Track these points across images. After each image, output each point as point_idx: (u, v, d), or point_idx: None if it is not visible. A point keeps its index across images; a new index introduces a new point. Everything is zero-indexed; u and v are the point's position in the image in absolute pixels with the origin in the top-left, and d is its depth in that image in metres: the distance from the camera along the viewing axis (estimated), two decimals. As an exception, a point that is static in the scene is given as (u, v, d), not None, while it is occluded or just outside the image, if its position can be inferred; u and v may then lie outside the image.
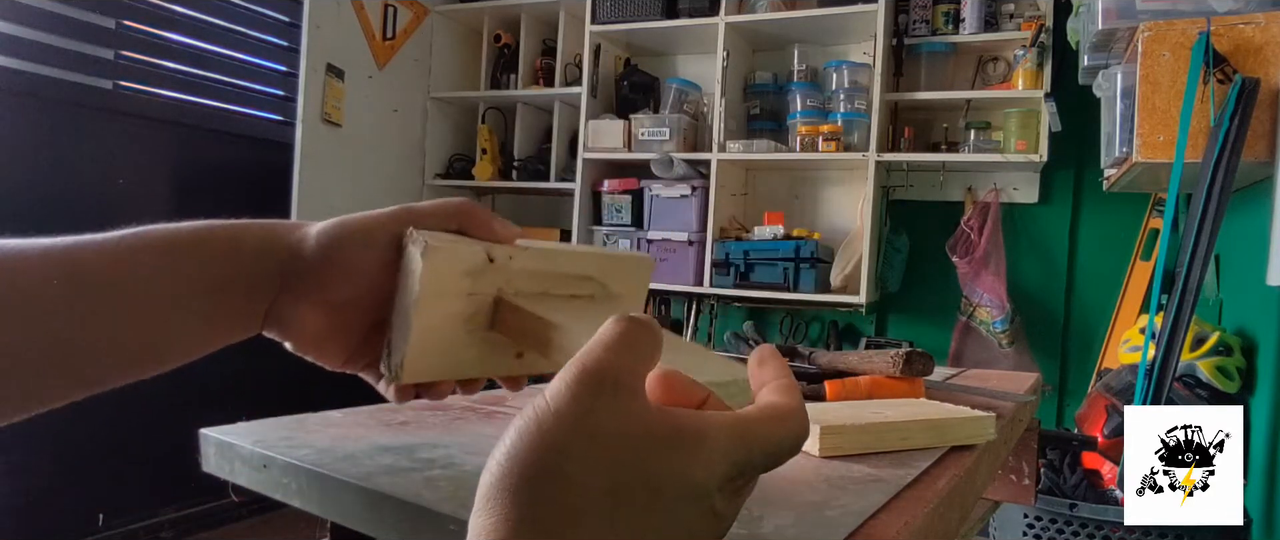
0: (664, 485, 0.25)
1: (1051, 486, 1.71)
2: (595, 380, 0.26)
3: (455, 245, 0.42)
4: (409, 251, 0.41)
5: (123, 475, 2.24)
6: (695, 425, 0.26)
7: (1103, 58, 1.85)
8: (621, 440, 0.25)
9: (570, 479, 0.24)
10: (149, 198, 2.33)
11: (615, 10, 2.74)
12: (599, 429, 0.25)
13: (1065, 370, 2.56)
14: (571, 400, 0.25)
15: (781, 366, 0.33)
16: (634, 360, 0.27)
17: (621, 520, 0.24)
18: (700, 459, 0.26)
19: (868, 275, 2.45)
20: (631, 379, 0.26)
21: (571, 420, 0.25)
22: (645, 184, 2.71)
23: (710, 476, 0.26)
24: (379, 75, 2.80)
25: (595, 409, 0.25)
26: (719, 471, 0.26)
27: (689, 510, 0.26)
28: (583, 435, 0.25)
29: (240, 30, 2.54)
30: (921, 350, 0.79)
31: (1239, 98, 1.41)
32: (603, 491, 0.24)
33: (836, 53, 2.69)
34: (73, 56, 2.11)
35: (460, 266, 0.42)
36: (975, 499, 0.66)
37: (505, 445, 0.25)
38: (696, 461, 0.26)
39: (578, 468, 0.24)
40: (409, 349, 0.42)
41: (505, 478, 0.24)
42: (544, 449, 0.24)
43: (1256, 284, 1.50)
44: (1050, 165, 2.43)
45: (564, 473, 0.24)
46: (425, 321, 0.42)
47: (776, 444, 0.28)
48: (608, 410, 0.25)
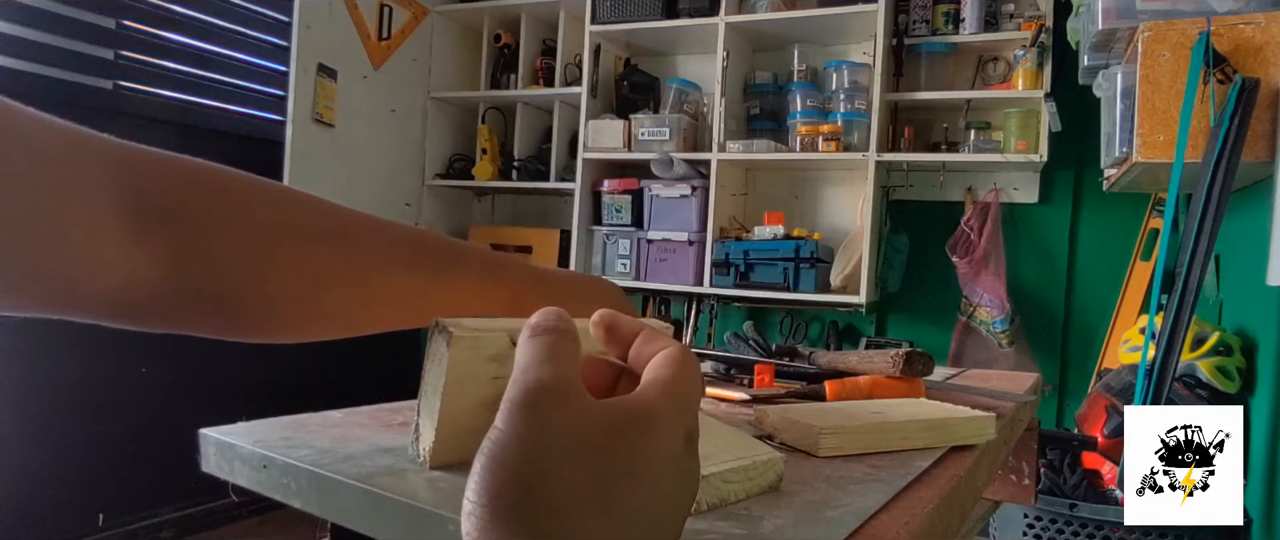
0: (637, 466, 0.27)
1: (1051, 486, 1.71)
2: (538, 397, 0.27)
3: (480, 334, 0.43)
4: (436, 340, 0.43)
5: (123, 475, 2.24)
6: (641, 405, 0.29)
7: (1103, 58, 1.85)
8: (584, 442, 0.26)
9: (553, 492, 0.25)
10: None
11: (615, 10, 2.74)
12: (561, 439, 0.26)
13: (1065, 370, 2.56)
14: (524, 423, 0.26)
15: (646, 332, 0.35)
16: (562, 366, 0.28)
17: (615, 511, 0.26)
18: (658, 431, 0.28)
19: (868, 275, 2.45)
20: (568, 384, 0.28)
21: (533, 440, 0.26)
22: (645, 184, 2.71)
23: (672, 442, 0.29)
24: (375, 75, 2.80)
25: (550, 421, 0.26)
26: (677, 436, 0.29)
27: (666, 478, 0.28)
28: (549, 450, 0.26)
29: (240, 30, 2.54)
30: (921, 350, 0.79)
31: (1239, 98, 1.41)
32: (588, 494, 0.25)
33: (836, 53, 2.69)
34: (73, 56, 2.11)
35: (486, 352, 0.44)
36: (975, 499, 0.66)
37: (478, 484, 0.25)
38: (656, 435, 0.28)
39: (556, 480, 0.25)
40: (437, 435, 0.44)
41: (494, 516, 0.25)
42: (518, 475, 0.25)
43: (1256, 284, 1.50)
44: (1050, 165, 2.43)
45: (546, 488, 0.25)
46: (452, 407, 0.43)
47: (695, 384, 0.32)
48: (561, 420, 0.26)
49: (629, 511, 0.26)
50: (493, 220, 3.35)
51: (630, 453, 0.27)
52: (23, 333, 2.02)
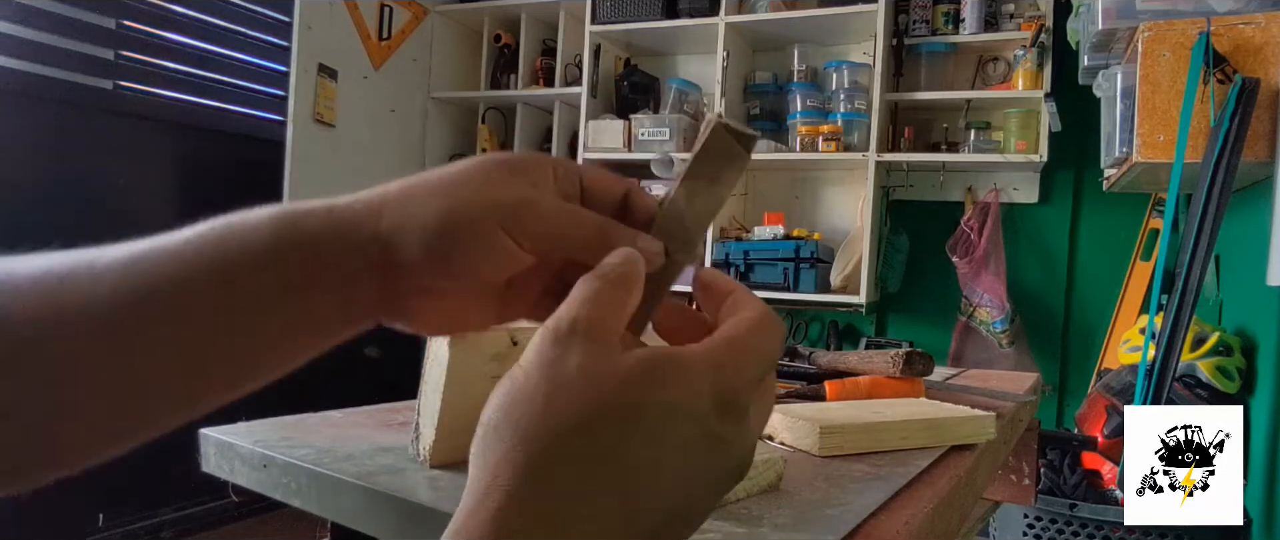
0: (643, 414, 0.26)
1: (1051, 486, 1.71)
2: (558, 333, 0.27)
3: (480, 334, 0.44)
4: (436, 339, 0.44)
5: (123, 475, 2.24)
6: (665, 354, 0.27)
7: (1103, 58, 1.85)
8: (588, 380, 0.26)
9: (546, 424, 0.26)
10: (149, 197, 2.33)
11: (615, 10, 2.74)
12: (565, 374, 0.26)
13: (1065, 370, 2.56)
14: (536, 355, 0.27)
15: (737, 293, 0.33)
16: (598, 310, 0.28)
17: (609, 451, 0.26)
18: (675, 383, 0.27)
19: (868, 275, 2.45)
20: (596, 328, 0.28)
21: (539, 371, 0.27)
22: (645, 184, 2.70)
23: (694, 398, 0.27)
24: (375, 75, 2.80)
25: (562, 357, 0.27)
26: (704, 393, 0.27)
27: (681, 432, 0.26)
28: (551, 382, 0.26)
29: (240, 30, 2.54)
30: (921, 350, 0.79)
31: (1239, 98, 1.41)
32: (577, 428, 0.26)
33: (836, 53, 2.69)
34: (73, 56, 2.11)
35: (486, 352, 0.45)
36: (975, 499, 0.66)
37: (490, 402, 0.27)
38: (672, 386, 0.26)
39: (551, 413, 0.26)
40: (437, 434, 0.45)
41: (495, 428, 0.26)
42: (516, 400, 0.26)
43: (1256, 284, 1.50)
44: (1050, 165, 2.43)
45: (538, 419, 0.26)
46: (452, 407, 0.44)
47: (757, 352, 0.29)
48: (572, 357, 0.27)
49: (624, 458, 0.25)
50: (493, 220, 3.34)
51: (633, 398, 0.26)
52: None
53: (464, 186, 0.33)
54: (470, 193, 0.33)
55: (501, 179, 0.34)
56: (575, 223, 0.34)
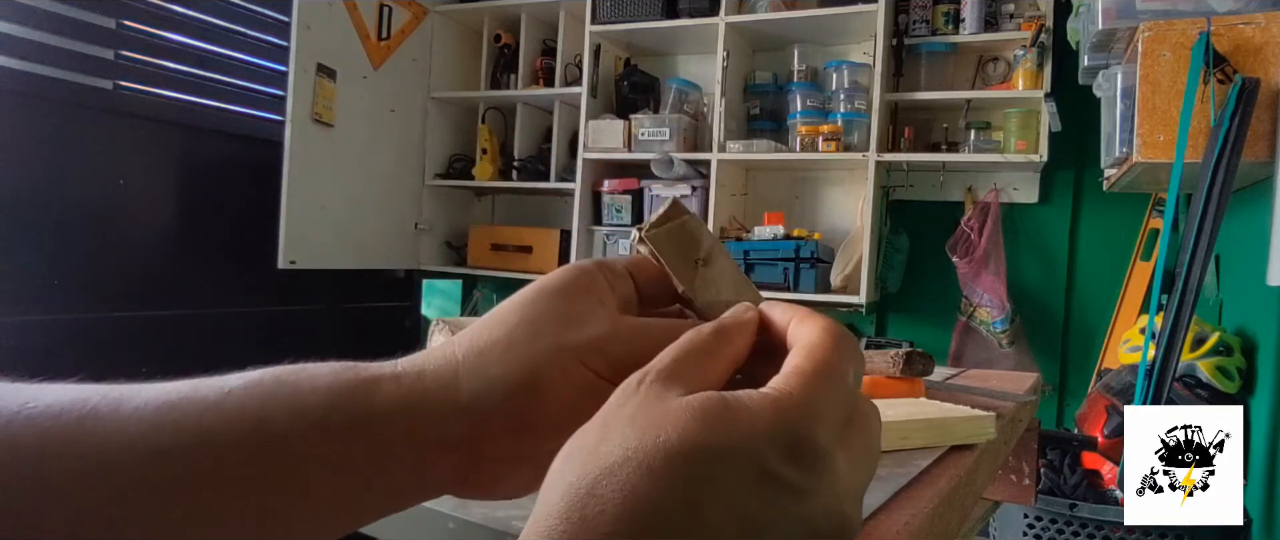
0: (689, 455, 0.23)
1: (1051, 486, 1.71)
2: (627, 384, 0.26)
3: None
4: (435, 339, 0.44)
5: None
6: (718, 394, 0.25)
7: (1103, 58, 1.84)
8: (636, 422, 0.24)
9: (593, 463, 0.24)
10: (150, 198, 2.33)
11: (615, 10, 2.74)
12: (620, 416, 0.25)
13: (1065, 370, 2.56)
14: (606, 403, 0.26)
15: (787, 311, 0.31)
16: (671, 362, 0.27)
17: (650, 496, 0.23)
18: (728, 423, 0.24)
19: (868, 275, 2.45)
20: (662, 374, 0.26)
21: (600, 414, 0.26)
22: (645, 184, 2.71)
23: (751, 440, 0.23)
24: (374, 75, 2.80)
25: (623, 403, 0.25)
26: (761, 433, 0.24)
27: (734, 478, 0.23)
28: (605, 424, 0.25)
29: (240, 30, 2.54)
30: (921, 350, 0.79)
31: (1239, 98, 1.41)
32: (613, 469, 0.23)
33: (836, 53, 2.69)
34: (73, 56, 2.11)
35: None
36: (975, 499, 0.66)
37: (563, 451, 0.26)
38: (723, 426, 0.24)
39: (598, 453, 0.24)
40: None
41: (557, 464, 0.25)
42: (575, 439, 0.25)
43: (1256, 284, 1.50)
44: (1050, 165, 2.43)
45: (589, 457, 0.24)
46: None
47: (827, 378, 0.26)
48: (632, 401, 0.25)
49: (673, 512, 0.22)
50: (493, 220, 3.35)
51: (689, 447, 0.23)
52: (22, 333, 2.02)
53: (539, 337, 0.31)
54: (548, 342, 0.31)
55: (568, 313, 0.32)
56: (653, 341, 0.31)
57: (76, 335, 2.14)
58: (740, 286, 0.35)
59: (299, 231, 2.50)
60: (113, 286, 2.23)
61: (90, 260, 2.17)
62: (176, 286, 2.38)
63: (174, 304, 2.37)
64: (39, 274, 2.06)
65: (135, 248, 2.30)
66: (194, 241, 2.43)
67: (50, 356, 2.08)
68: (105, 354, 2.18)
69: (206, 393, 0.28)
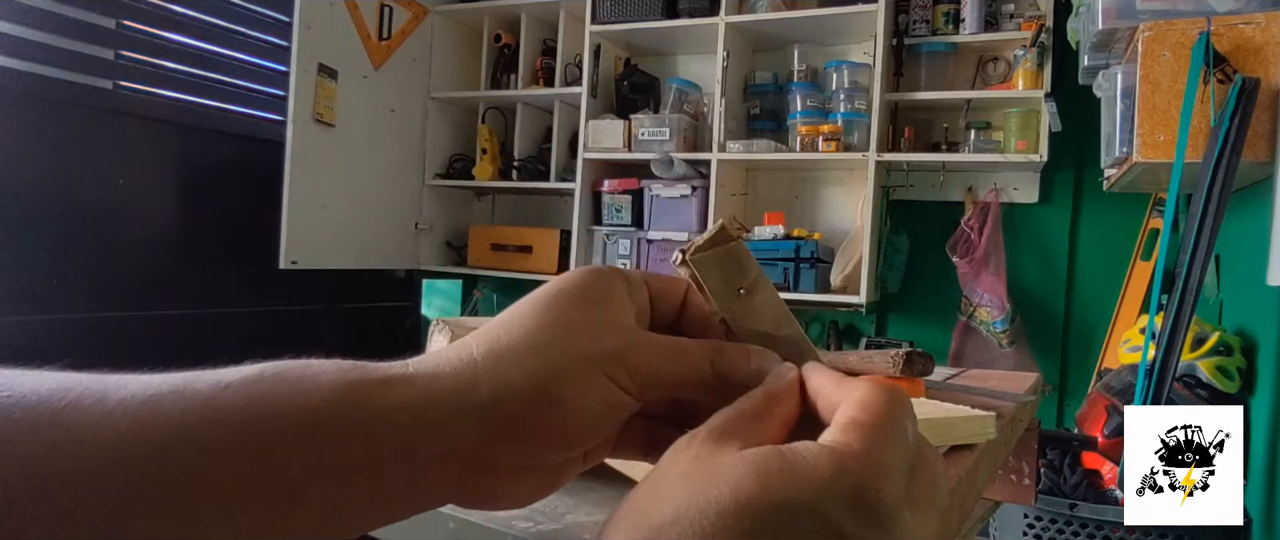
0: (746, 511, 0.22)
1: (1051, 486, 1.71)
2: (679, 442, 0.26)
3: None
4: (435, 338, 0.44)
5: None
6: (775, 448, 0.24)
7: (1103, 58, 1.84)
8: (688, 477, 0.24)
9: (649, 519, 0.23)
10: (150, 198, 2.33)
11: (615, 10, 2.74)
12: (672, 471, 0.25)
13: (1065, 370, 2.56)
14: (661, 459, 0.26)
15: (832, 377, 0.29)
16: (728, 419, 0.26)
17: None
18: (786, 478, 0.23)
19: (868, 275, 2.45)
20: (715, 431, 0.26)
21: (656, 469, 0.25)
22: (645, 184, 2.70)
23: (812, 495, 0.22)
24: (375, 75, 2.80)
25: (676, 459, 0.25)
26: (823, 487, 0.23)
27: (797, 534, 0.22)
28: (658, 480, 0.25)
29: (240, 30, 2.54)
30: (922, 350, 0.79)
31: (1239, 98, 1.41)
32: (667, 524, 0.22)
33: (836, 53, 2.69)
34: (73, 56, 2.11)
35: None
36: (975, 499, 0.66)
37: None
38: (781, 481, 0.23)
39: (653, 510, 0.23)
40: None
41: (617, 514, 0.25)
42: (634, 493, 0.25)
43: (1256, 284, 1.50)
44: (1050, 165, 2.43)
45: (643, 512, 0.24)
46: None
47: (888, 432, 0.25)
48: (684, 456, 0.25)
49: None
50: (493, 220, 3.35)
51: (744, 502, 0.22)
52: (23, 333, 2.02)
53: (560, 342, 0.29)
54: (570, 349, 0.29)
55: (590, 320, 0.30)
56: (681, 357, 0.31)
57: (77, 335, 2.14)
58: (782, 321, 0.33)
59: (300, 231, 2.50)
60: (113, 286, 2.23)
61: (91, 260, 2.17)
62: (177, 286, 2.38)
63: (174, 304, 2.38)
64: (39, 274, 2.06)
65: (136, 248, 2.30)
66: (195, 241, 2.43)
67: (50, 357, 2.07)
68: (106, 354, 2.18)
69: (199, 387, 0.26)
